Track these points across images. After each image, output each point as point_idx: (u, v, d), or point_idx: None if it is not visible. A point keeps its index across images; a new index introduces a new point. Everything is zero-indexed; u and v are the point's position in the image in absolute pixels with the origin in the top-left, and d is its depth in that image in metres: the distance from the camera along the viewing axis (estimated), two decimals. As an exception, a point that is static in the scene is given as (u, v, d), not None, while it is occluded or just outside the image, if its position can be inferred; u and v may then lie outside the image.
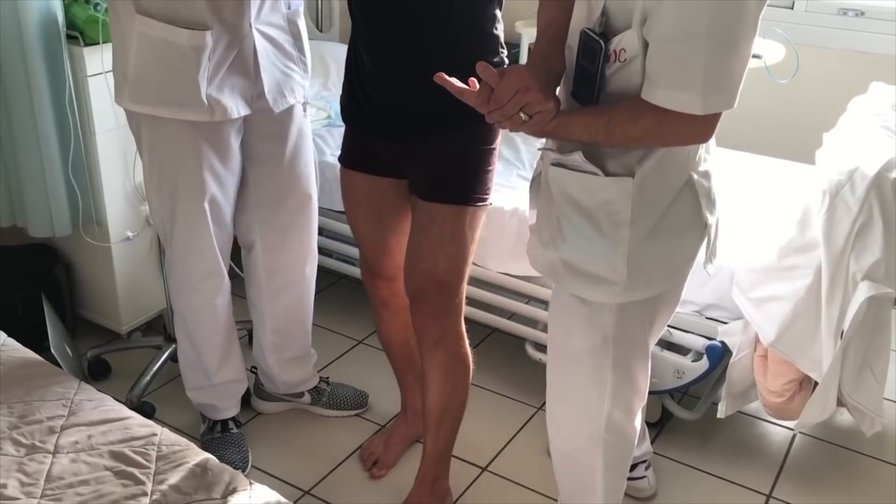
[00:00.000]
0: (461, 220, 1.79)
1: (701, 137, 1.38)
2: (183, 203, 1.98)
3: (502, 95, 1.32)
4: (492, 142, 1.79)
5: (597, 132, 1.35)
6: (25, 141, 2.31)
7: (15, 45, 2.21)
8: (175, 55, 1.80)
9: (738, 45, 1.26)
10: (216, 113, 1.87)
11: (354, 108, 1.86)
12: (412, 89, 1.70)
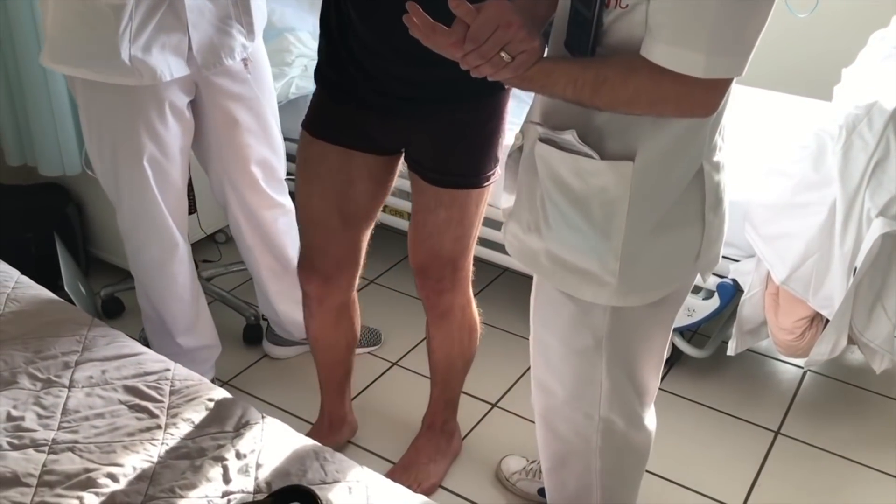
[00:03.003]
0: (469, 202, 1.69)
1: (702, 109, 1.17)
2: (124, 166, 1.89)
3: (480, 32, 1.12)
4: (501, 115, 1.65)
5: (582, 87, 1.15)
6: (33, 80, 2.29)
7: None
8: (93, 14, 1.69)
9: (756, 2, 1.08)
10: (144, 76, 1.74)
11: (337, 74, 1.64)
12: (414, 59, 1.46)
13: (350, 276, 1.86)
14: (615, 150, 1.23)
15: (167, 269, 2.07)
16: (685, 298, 1.43)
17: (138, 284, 2.15)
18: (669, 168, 1.24)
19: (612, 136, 1.23)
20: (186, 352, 2.19)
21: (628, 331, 1.38)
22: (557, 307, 1.38)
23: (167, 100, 1.84)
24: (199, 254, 2.74)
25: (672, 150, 1.23)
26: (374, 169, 1.72)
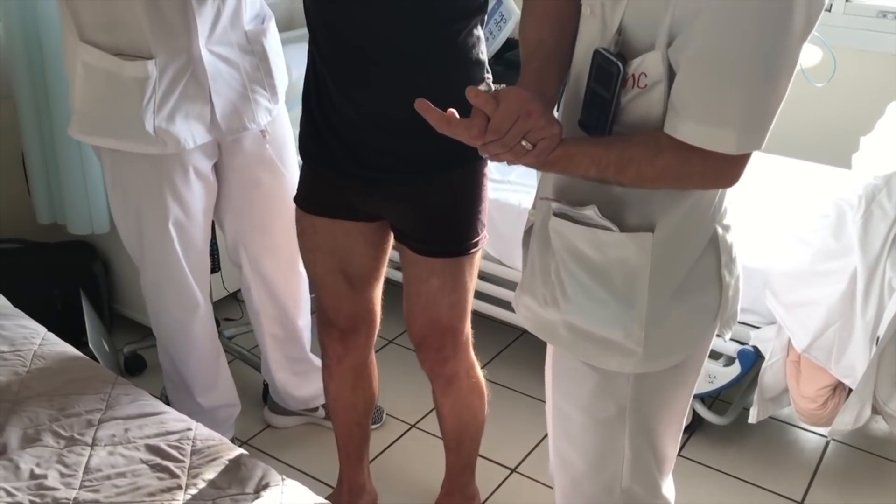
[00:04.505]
0: (462, 269, 1.68)
1: (728, 181, 1.18)
2: (149, 229, 1.92)
3: (502, 123, 1.10)
4: (483, 177, 1.65)
5: (606, 167, 1.16)
6: (66, 140, 2.35)
7: (57, 43, 2.25)
8: (118, 87, 1.72)
9: (779, 77, 1.09)
10: (168, 145, 1.77)
11: (317, 146, 1.65)
12: (392, 131, 1.53)
13: (367, 334, 1.88)
14: (634, 221, 1.24)
15: (188, 329, 2.09)
16: (704, 360, 1.43)
17: (160, 343, 2.17)
18: (687, 235, 1.26)
19: (630, 207, 1.24)
20: (206, 411, 2.20)
21: (651, 397, 1.37)
22: (579, 377, 1.37)
23: (191, 164, 1.88)
24: (222, 312, 2.77)
25: (688, 218, 1.25)
26: (369, 235, 1.73)
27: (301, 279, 2.23)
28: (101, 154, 1.89)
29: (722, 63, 1.08)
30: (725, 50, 1.07)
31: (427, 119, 1.12)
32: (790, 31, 1.07)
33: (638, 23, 1.15)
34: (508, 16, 3.19)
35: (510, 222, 2.38)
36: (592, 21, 1.22)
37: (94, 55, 1.71)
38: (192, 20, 1.71)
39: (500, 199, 2.44)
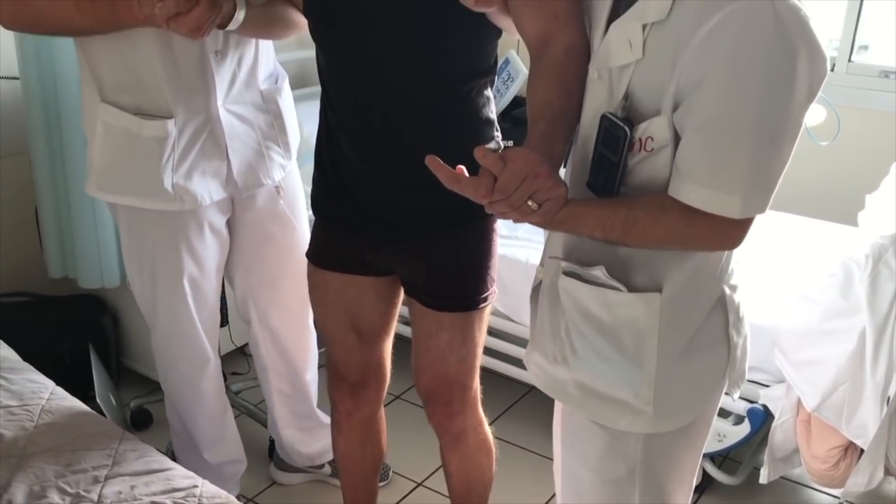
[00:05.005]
0: (471, 324, 1.69)
1: (732, 243, 1.22)
2: (163, 284, 1.93)
3: (509, 183, 1.13)
4: (492, 232, 1.66)
5: (612, 228, 1.19)
6: (80, 195, 2.38)
7: (74, 101, 2.30)
8: (138, 146, 1.74)
9: (783, 144, 1.12)
10: (186, 202, 1.80)
11: (329, 202, 1.68)
12: (403, 186, 1.56)
13: (377, 389, 1.88)
14: (641, 281, 1.25)
15: (197, 386, 2.09)
16: (714, 419, 1.43)
17: (168, 399, 2.17)
18: (694, 295, 1.28)
19: (637, 268, 1.25)
20: (212, 467, 2.18)
21: (661, 457, 1.37)
22: (588, 436, 1.37)
23: (206, 220, 1.91)
24: (229, 366, 2.76)
25: (695, 278, 1.26)
26: (379, 289, 1.74)
27: (310, 334, 2.23)
28: (117, 211, 1.91)
29: (726, 130, 1.10)
30: (729, 117, 1.09)
31: (437, 175, 1.15)
32: (793, 98, 1.09)
33: (644, 88, 1.18)
34: (516, 75, 3.25)
35: (517, 278, 2.40)
36: (599, 85, 1.25)
37: (115, 115, 1.74)
38: (211, 80, 1.75)
39: (507, 254, 2.45)
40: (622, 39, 1.20)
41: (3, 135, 2.54)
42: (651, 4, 1.16)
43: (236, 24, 1.62)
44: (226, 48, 1.74)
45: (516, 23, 1.43)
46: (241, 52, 1.79)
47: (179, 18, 1.48)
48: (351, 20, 1.48)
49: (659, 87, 1.15)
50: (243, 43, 1.78)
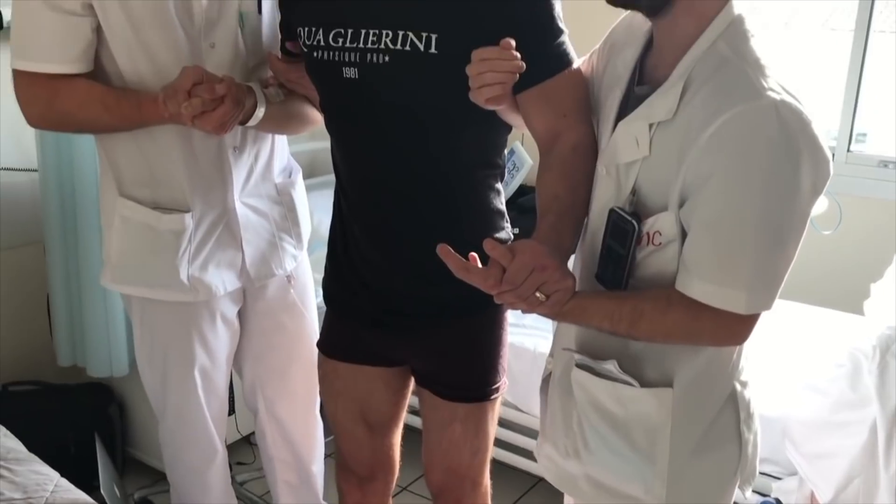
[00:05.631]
0: (484, 415, 1.67)
1: (737, 339, 1.23)
2: (173, 374, 1.93)
3: (517, 275, 1.16)
4: (504, 321, 1.67)
5: (619, 321, 1.21)
6: (92, 285, 2.41)
7: (91, 192, 2.35)
8: (155, 239, 1.76)
9: (788, 241, 1.15)
10: (200, 293, 1.81)
11: (341, 292, 1.69)
12: (415, 275, 1.57)
13: (386, 481, 1.86)
14: (653, 376, 1.27)
15: (204, 477, 2.06)
16: None
17: (173, 490, 2.14)
18: (706, 391, 1.29)
19: (649, 362, 1.27)
20: None
21: None
22: None
23: (219, 311, 1.92)
24: (234, 455, 2.73)
25: (706, 374, 1.28)
26: (389, 380, 1.74)
27: (317, 424, 2.22)
28: (130, 302, 1.93)
29: (731, 227, 1.13)
30: (735, 215, 1.13)
31: (447, 265, 1.18)
32: (797, 198, 1.13)
33: (651, 184, 1.22)
34: (521, 164, 3.31)
35: (526, 366, 2.39)
36: (608, 180, 1.30)
37: (133, 209, 1.77)
38: (229, 174, 1.78)
39: (515, 342, 2.45)
40: (629, 137, 1.24)
41: (19, 224, 2.58)
42: (658, 105, 1.21)
43: (256, 121, 1.67)
44: (244, 143, 1.79)
45: (526, 120, 1.48)
46: (258, 147, 1.83)
47: (204, 116, 1.53)
48: (365, 116, 1.53)
49: (665, 183, 1.19)
50: (261, 138, 1.83)
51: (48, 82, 1.63)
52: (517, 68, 1.29)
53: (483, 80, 1.30)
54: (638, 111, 1.24)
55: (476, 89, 1.31)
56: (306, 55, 1.56)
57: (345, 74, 1.48)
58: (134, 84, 1.66)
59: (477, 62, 1.30)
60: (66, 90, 1.63)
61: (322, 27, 1.50)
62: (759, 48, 1.19)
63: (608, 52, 1.41)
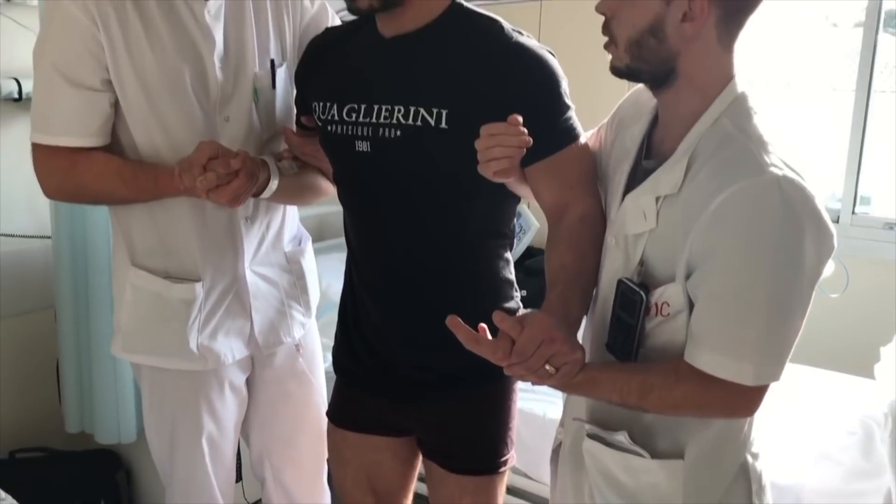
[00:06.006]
0: (493, 488, 1.65)
1: (746, 411, 1.24)
2: (181, 443, 1.92)
3: (526, 348, 1.17)
4: (513, 392, 1.66)
5: (629, 393, 1.22)
6: (102, 352, 2.42)
7: (103, 260, 2.38)
8: (165, 309, 1.77)
9: (794, 314, 1.16)
10: (209, 361, 1.81)
11: (351, 362, 1.70)
12: (425, 345, 1.57)
13: None
14: (664, 447, 1.27)
15: None
16: None
17: None
18: (717, 463, 1.28)
19: (660, 434, 1.27)
20: None
21: None
22: None
23: (227, 379, 1.91)
24: (240, 523, 2.70)
25: (718, 445, 1.28)
26: (398, 450, 1.73)
27: (324, 492, 2.20)
28: (140, 370, 1.93)
29: (737, 300, 1.14)
30: (740, 288, 1.14)
31: (457, 336, 1.19)
32: (802, 272, 1.14)
33: (658, 256, 1.23)
34: (528, 227, 3.34)
35: (535, 433, 2.38)
36: (616, 251, 1.31)
37: (144, 278, 1.78)
38: (240, 244, 1.80)
39: (524, 409, 2.43)
40: (637, 210, 1.27)
41: (31, 290, 2.60)
42: (664, 179, 1.24)
43: (269, 193, 1.70)
44: (255, 213, 1.81)
45: (534, 191, 1.50)
46: (269, 216, 1.86)
47: (219, 190, 1.55)
48: (377, 188, 1.55)
49: (672, 255, 1.20)
50: (272, 208, 1.85)
51: (67, 155, 1.66)
52: (524, 143, 1.32)
53: (491, 154, 1.33)
54: (645, 184, 1.27)
55: (484, 163, 1.35)
56: (321, 129, 1.60)
57: (357, 148, 1.52)
58: (150, 156, 1.69)
59: (485, 137, 1.33)
60: (83, 163, 1.66)
61: (336, 102, 1.54)
62: (763, 125, 1.22)
63: (616, 126, 1.44)
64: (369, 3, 1.43)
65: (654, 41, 1.21)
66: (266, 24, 1.76)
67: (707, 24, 1.19)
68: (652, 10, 1.20)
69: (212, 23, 1.67)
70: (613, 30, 1.25)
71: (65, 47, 1.61)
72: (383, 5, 1.44)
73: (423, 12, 1.48)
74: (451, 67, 1.46)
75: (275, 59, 1.76)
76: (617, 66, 1.27)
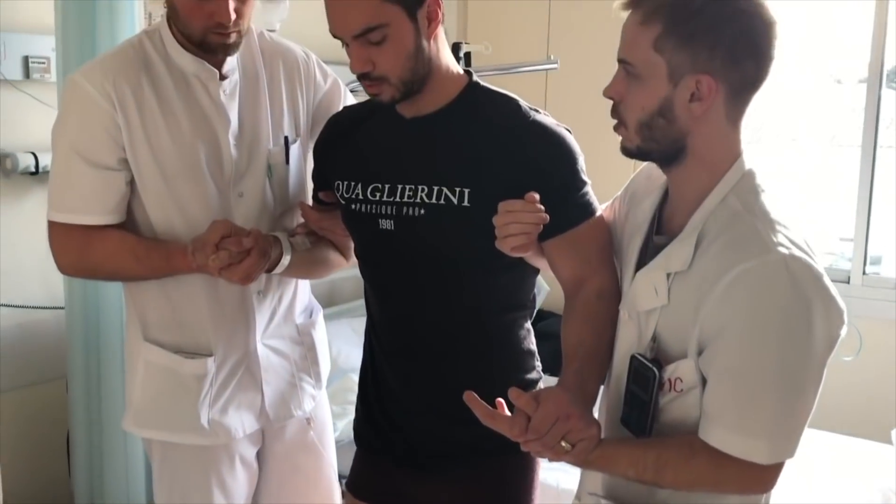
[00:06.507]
0: None
1: (762, 488, 1.23)
2: None
3: (541, 425, 1.19)
4: (535, 463, 1.64)
5: (644, 470, 1.22)
6: (112, 426, 2.41)
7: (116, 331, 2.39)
8: (177, 383, 1.78)
9: (806, 390, 1.16)
10: (220, 436, 1.81)
11: (372, 433, 1.70)
12: (447, 416, 1.55)
13: None
14: None
15: None
16: None
17: None
18: None
19: None
20: None
21: None
22: None
23: (238, 453, 1.90)
24: None
25: None
26: None
27: None
28: (150, 445, 1.92)
29: (749, 377, 1.15)
30: (751, 365, 1.15)
31: (474, 411, 1.22)
32: (812, 349, 1.15)
33: (670, 332, 1.24)
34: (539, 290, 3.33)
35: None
36: (630, 325, 1.32)
37: (156, 353, 1.78)
38: (252, 318, 1.81)
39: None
40: (648, 286, 1.28)
41: (43, 362, 2.61)
42: (674, 255, 1.25)
43: (282, 269, 1.71)
44: (268, 287, 1.82)
45: (551, 265, 1.52)
46: (281, 290, 1.86)
47: (231, 268, 1.57)
48: (400, 264, 1.58)
49: (684, 331, 1.21)
50: (284, 282, 1.86)
51: (82, 233, 1.68)
52: (541, 220, 1.36)
53: (508, 230, 1.37)
54: (656, 261, 1.28)
55: (502, 239, 1.38)
56: (343, 206, 1.62)
57: (381, 226, 1.54)
58: (164, 233, 1.71)
59: (503, 213, 1.37)
60: (98, 241, 1.68)
61: (361, 182, 1.57)
62: (770, 203, 1.24)
63: (629, 201, 1.47)
64: (391, 94, 1.47)
65: (663, 122, 1.23)
66: (280, 100, 1.80)
67: (715, 103, 1.21)
68: (660, 92, 1.22)
69: (227, 102, 1.71)
70: (622, 113, 1.27)
71: (83, 129, 1.65)
72: (404, 95, 1.47)
73: (441, 94, 1.52)
74: (471, 147, 1.50)
75: (288, 135, 1.79)
76: (628, 147, 1.29)
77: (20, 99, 2.47)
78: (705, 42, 1.18)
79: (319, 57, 1.90)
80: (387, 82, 1.45)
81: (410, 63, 1.44)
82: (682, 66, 1.19)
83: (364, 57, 1.42)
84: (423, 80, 1.47)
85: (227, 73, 1.71)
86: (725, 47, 1.18)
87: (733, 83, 1.21)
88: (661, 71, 1.20)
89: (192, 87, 1.69)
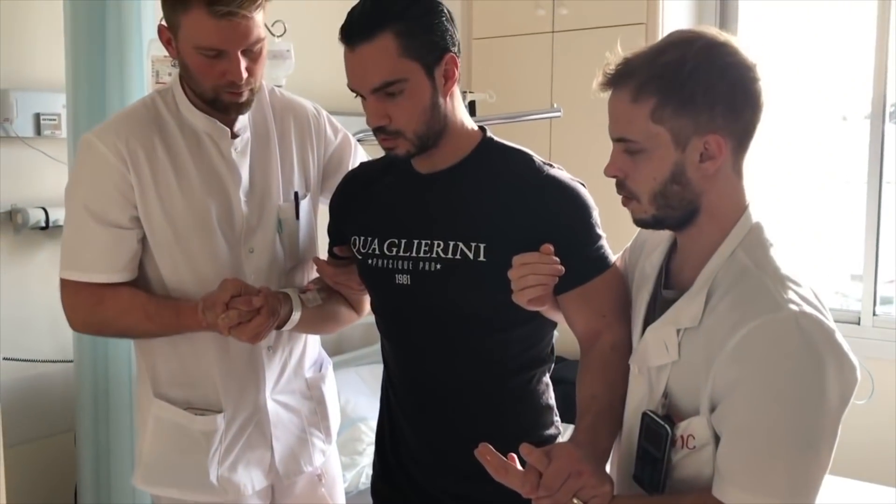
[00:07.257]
0: None
1: None
2: None
3: (553, 482, 1.18)
4: None
5: None
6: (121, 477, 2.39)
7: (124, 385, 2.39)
8: (187, 440, 1.77)
9: (820, 449, 1.15)
10: (229, 493, 1.79)
11: (388, 489, 1.70)
12: (464, 473, 1.52)
13: None
14: None
15: None
16: None
17: None
18: None
19: None
20: None
21: None
22: None
23: None
24: None
25: None
26: None
27: None
28: (159, 502, 1.91)
29: (762, 436, 1.14)
30: (764, 423, 1.14)
31: (485, 466, 1.21)
32: (825, 406, 1.14)
33: (682, 388, 1.23)
34: (547, 336, 3.32)
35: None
36: (640, 380, 1.31)
37: (166, 410, 1.78)
38: (262, 374, 1.81)
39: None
40: (658, 341, 1.27)
41: (52, 414, 2.60)
42: (684, 311, 1.25)
43: (291, 325, 1.71)
44: (277, 343, 1.82)
45: (566, 318, 1.53)
46: (291, 345, 1.86)
47: (240, 327, 1.58)
48: (417, 318, 1.58)
49: (695, 388, 1.20)
50: (294, 337, 1.86)
51: (94, 290, 1.69)
52: (556, 272, 1.37)
53: (524, 282, 1.38)
54: (665, 316, 1.28)
55: (518, 292, 1.39)
56: (360, 261, 1.63)
57: (397, 281, 1.55)
58: (175, 289, 1.72)
59: (518, 266, 1.38)
60: (110, 298, 1.69)
61: (377, 237, 1.59)
62: (779, 258, 1.24)
63: (638, 252, 1.47)
64: (406, 149, 1.49)
65: (678, 188, 1.23)
66: (290, 156, 1.81)
67: (724, 157, 1.22)
68: (669, 159, 1.22)
69: (238, 159, 1.73)
70: (631, 188, 1.27)
71: (95, 188, 1.67)
72: (419, 150, 1.49)
73: (457, 150, 1.54)
74: (487, 202, 1.51)
75: (298, 190, 1.81)
76: (643, 218, 1.28)
77: (32, 155, 2.50)
78: (704, 104, 1.19)
79: (324, 108, 1.92)
80: (402, 136, 1.47)
81: (426, 118, 1.46)
82: (685, 130, 1.20)
83: (381, 111, 1.44)
84: (438, 135, 1.49)
85: (238, 131, 1.73)
86: (724, 103, 1.19)
87: (737, 134, 1.22)
88: (665, 139, 1.21)
89: (203, 145, 1.71)
